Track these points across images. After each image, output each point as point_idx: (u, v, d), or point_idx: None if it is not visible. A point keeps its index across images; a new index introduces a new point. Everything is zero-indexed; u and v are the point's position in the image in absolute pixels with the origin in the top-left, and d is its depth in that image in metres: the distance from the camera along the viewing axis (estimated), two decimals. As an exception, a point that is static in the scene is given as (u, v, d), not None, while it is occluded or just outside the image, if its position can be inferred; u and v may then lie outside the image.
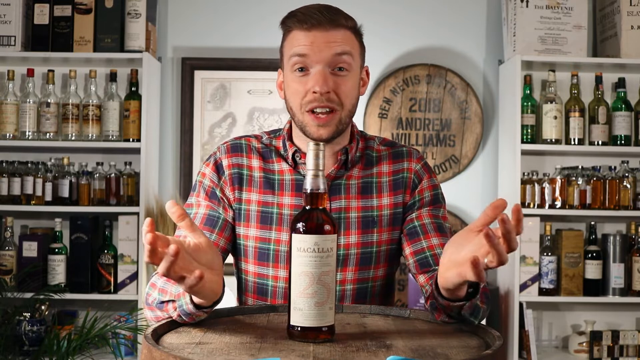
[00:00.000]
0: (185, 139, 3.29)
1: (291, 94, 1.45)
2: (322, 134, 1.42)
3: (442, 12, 3.36)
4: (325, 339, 1.10)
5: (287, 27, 1.45)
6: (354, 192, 1.49)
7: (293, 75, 1.44)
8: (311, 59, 1.41)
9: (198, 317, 1.20)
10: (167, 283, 1.25)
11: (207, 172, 1.51)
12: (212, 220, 1.47)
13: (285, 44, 1.47)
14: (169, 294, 1.23)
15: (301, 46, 1.41)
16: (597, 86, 3.17)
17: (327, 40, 1.41)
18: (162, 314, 1.26)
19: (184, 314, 1.19)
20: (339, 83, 1.42)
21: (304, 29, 1.41)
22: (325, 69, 1.41)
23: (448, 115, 3.32)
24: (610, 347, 3.11)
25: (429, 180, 1.54)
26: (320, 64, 1.40)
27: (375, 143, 1.57)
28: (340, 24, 1.42)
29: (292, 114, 1.47)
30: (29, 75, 3.10)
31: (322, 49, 1.40)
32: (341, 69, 1.42)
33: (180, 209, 1.10)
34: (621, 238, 3.15)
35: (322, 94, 1.40)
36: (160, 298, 1.26)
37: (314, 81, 1.40)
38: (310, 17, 1.41)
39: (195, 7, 3.34)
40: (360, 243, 1.47)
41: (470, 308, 1.21)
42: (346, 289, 1.46)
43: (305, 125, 1.44)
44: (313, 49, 1.40)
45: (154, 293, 1.28)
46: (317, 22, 1.40)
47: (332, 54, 1.40)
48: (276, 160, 1.52)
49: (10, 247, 3.04)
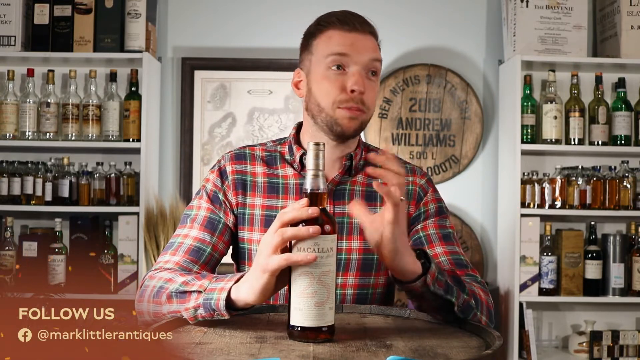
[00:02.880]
0: (185, 139, 3.28)
1: (322, 91, 1.46)
2: (352, 125, 1.45)
3: (442, 12, 3.36)
4: (325, 339, 1.10)
5: (321, 26, 1.48)
6: (357, 198, 1.50)
7: (328, 73, 1.45)
8: (350, 59, 1.44)
9: (218, 317, 1.21)
10: (194, 279, 1.26)
11: (211, 177, 1.53)
12: (212, 223, 1.47)
13: (317, 42, 1.47)
14: (198, 285, 1.24)
15: (341, 45, 1.44)
16: (597, 86, 3.17)
17: (365, 44, 1.45)
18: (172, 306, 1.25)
19: (207, 308, 1.20)
20: (370, 87, 1.46)
21: (344, 30, 1.45)
22: (362, 71, 1.44)
23: (448, 115, 3.32)
24: (610, 347, 3.11)
25: (434, 193, 1.56)
26: (359, 65, 1.44)
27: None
28: (372, 31, 1.48)
29: (318, 110, 1.47)
30: (29, 75, 3.10)
31: (361, 51, 1.44)
32: (374, 74, 1.47)
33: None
34: (621, 238, 3.15)
35: (360, 94, 1.43)
36: (182, 289, 1.26)
37: (354, 81, 1.43)
38: (349, 19, 1.45)
39: (195, 7, 3.34)
40: (362, 249, 1.48)
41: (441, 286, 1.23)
42: (347, 293, 1.46)
43: (337, 119, 1.45)
44: (353, 50, 1.43)
45: (173, 285, 1.28)
46: (358, 24, 1.45)
47: (369, 58, 1.45)
48: (281, 165, 1.53)
49: (10, 247, 3.04)
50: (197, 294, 1.23)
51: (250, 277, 1.16)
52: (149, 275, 1.38)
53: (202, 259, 1.43)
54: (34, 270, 2.98)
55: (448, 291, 1.24)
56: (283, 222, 1.10)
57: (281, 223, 1.10)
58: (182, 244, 1.44)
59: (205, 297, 1.20)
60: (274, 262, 1.10)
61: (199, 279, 1.26)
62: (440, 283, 1.23)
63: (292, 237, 1.09)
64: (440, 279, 1.23)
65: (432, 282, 1.22)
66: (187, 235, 1.45)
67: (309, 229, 1.08)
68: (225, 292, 1.19)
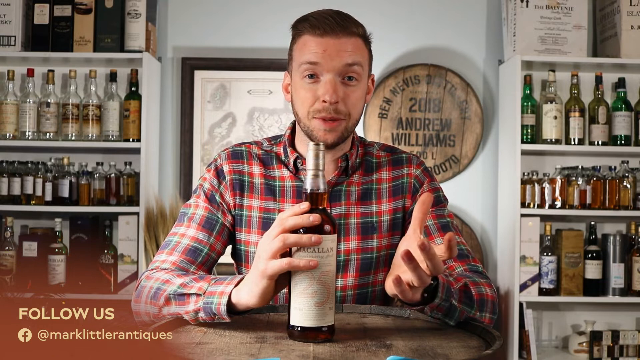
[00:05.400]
0: (185, 139, 3.28)
1: (299, 100, 1.43)
2: (328, 138, 1.41)
3: (442, 12, 3.36)
4: (325, 339, 1.10)
5: (298, 30, 1.43)
6: (353, 198, 1.49)
7: (302, 82, 1.42)
8: (322, 67, 1.39)
9: (217, 320, 1.20)
10: (193, 281, 1.25)
11: (208, 177, 1.51)
12: (210, 222, 1.46)
13: (295, 47, 1.44)
14: (197, 288, 1.23)
15: (313, 53, 1.39)
16: (597, 86, 3.17)
17: (339, 48, 1.39)
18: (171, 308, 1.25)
19: (208, 312, 1.19)
20: (348, 93, 1.41)
21: (316, 35, 1.39)
22: (335, 78, 1.39)
23: (448, 115, 3.32)
24: (610, 347, 3.11)
25: (430, 183, 1.54)
26: (331, 72, 1.39)
27: (375, 149, 1.57)
28: (352, 31, 1.41)
29: (298, 119, 1.46)
30: (29, 75, 3.10)
31: (333, 57, 1.38)
32: (351, 79, 1.41)
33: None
34: (621, 238, 3.15)
35: (331, 104, 1.39)
36: (181, 291, 1.25)
37: (324, 90, 1.39)
38: (323, 22, 1.39)
39: (195, 7, 3.34)
40: (360, 249, 1.47)
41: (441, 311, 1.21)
42: (347, 294, 1.46)
43: (312, 130, 1.42)
44: (325, 57, 1.38)
45: (171, 287, 1.27)
46: (329, 28, 1.38)
47: (343, 63, 1.39)
48: (277, 166, 1.51)
49: (10, 247, 3.04)
50: (197, 296, 1.22)
51: (250, 282, 1.15)
52: (145, 276, 1.37)
53: (199, 259, 1.42)
54: (34, 270, 2.98)
55: (448, 314, 1.23)
56: (284, 229, 1.09)
57: (282, 229, 1.09)
58: (179, 244, 1.43)
59: (206, 301, 1.20)
60: (275, 266, 1.09)
61: (197, 280, 1.25)
62: (442, 309, 1.21)
63: (294, 244, 1.08)
64: (443, 305, 1.20)
65: (431, 311, 1.21)
66: (184, 234, 1.44)
67: (311, 237, 1.07)
68: (225, 296, 1.18)
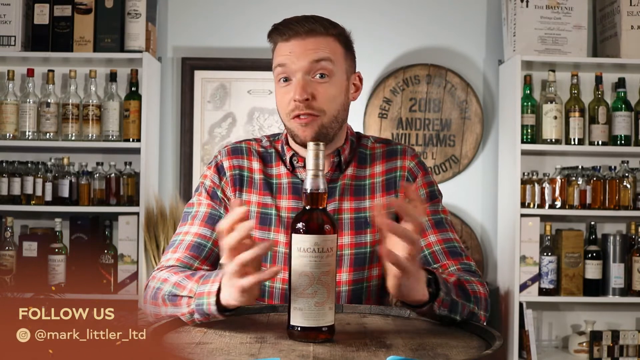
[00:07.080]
0: (185, 139, 3.28)
1: (278, 104, 1.49)
2: (307, 135, 1.44)
3: (442, 12, 3.36)
4: (325, 339, 1.10)
5: (271, 39, 1.49)
6: (347, 194, 1.50)
7: (278, 86, 1.48)
8: (290, 68, 1.43)
9: (213, 319, 1.22)
10: (185, 279, 1.27)
11: (209, 174, 1.54)
12: (213, 218, 1.48)
13: (273, 56, 1.50)
14: (188, 289, 1.25)
15: (281, 56, 1.45)
16: (597, 86, 3.17)
17: (305, 48, 1.43)
18: (168, 309, 1.27)
19: (201, 313, 1.21)
20: (319, 89, 1.43)
21: (284, 40, 1.45)
22: (304, 77, 1.43)
23: (448, 115, 3.32)
24: (610, 347, 3.11)
25: (424, 177, 1.54)
26: (300, 72, 1.43)
27: (369, 141, 1.58)
28: (319, 32, 1.44)
29: (282, 122, 1.51)
30: (29, 75, 3.10)
31: (299, 57, 1.43)
32: (322, 76, 1.44)
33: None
34: (621, 238, 3.15)
35: (301, 102, 1.42)
36: (174, 291, 1.27)
37: (294, 90, 1.43)
38: (289, 28, 1.44)
39: (195, 7, 3.34)
40: (354, 244, 1.48)
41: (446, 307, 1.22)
42: (341, 290, 1.46)
43: (292, 130, 1.46)
44: (291, 58, 1.43)
45: (166, 286, 1.30)
46: (294, 32, 1.44)
47: (309, 61, 1.42)
48: (275, 163, 1.54)
49: (10, 247, 3.04)
50: (188, 299, 1.24)
51: (229, 290, 1.16)
52: (151, 276, 1.40)
53: (203, 254, 1.44)
54: (34, 270, 2.98)
55: (452, 310, 1.24)
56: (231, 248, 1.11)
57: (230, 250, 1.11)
58: (183, 241, 1.46)
59: (197, 303, 1.21)
60: (246, 283, 1.11)
61: (189, 278, 1.27)
62: (446, 304, 1.23)
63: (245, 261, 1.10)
64: (446, 299, 1.22)
65: (438, 307, 1.22)
66: (188, 232, 1.47)
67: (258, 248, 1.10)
68: (212, 295, 1.19)
